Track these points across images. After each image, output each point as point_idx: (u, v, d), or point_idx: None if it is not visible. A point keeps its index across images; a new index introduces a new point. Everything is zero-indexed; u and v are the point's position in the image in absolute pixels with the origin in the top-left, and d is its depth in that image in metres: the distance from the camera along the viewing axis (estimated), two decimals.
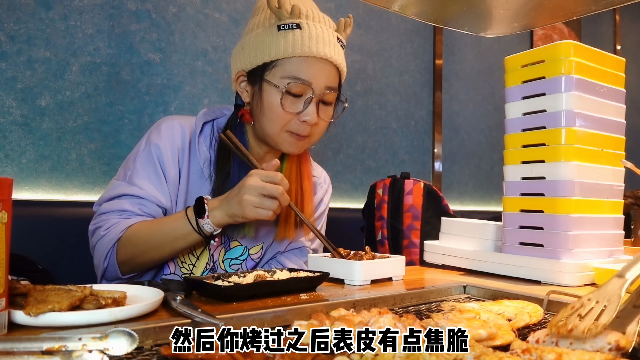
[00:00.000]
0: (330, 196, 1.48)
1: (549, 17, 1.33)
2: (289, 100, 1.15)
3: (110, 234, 1.10)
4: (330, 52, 1.16)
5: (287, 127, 1.17)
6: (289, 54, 1.13)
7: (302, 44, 1.13)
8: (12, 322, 0.62)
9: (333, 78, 1.19)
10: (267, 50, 1.15)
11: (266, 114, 1.17)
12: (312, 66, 1.15)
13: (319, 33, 1.15)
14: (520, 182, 1.16)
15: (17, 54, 1.65)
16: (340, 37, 1.21)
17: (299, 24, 1.14)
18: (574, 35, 3.74)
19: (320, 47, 1.14)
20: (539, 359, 0.52)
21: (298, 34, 1.13)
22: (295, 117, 1.16)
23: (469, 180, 3.17)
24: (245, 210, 1.01)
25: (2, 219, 0.58)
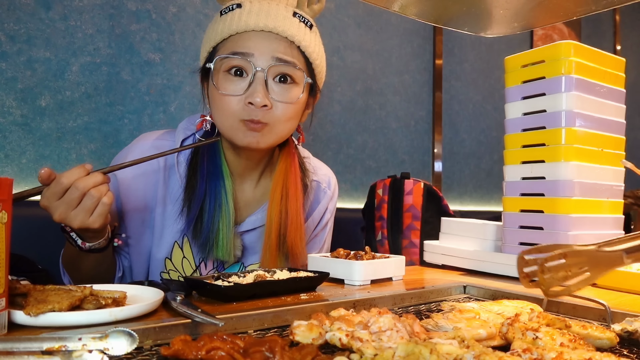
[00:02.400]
0: (336, 202, 1.35)
1: (549, 17, 1.33)
2: (227, 80, 1.03)
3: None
4: (275, 24, 1.02)
5: (237, 115, 1.03)
6: (225, 34, 1.04)
7: (239, 20, 1.03)
8: (12, 322, 0.62)
9: (285, 50, 1.04)
10: (208, 38, 1.08)
11: (212, 105, 1.07)
12: (250, 39, 1.02)
13: (263, 8, 1.04)
14: (520, 182, 1.16)
15: (17, 54, 1.65)
16: (301, 13, 1.08)
17: (240, 3, 1.05)
18: (574, 35, 3.74)
19: (262, 19, 1.02)
20: (539, 358, 0.52)
21: (237, 13, 1.04)
22: (242, 101, 1.02)
23: (469, 180, 3.17)
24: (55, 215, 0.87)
25: (2, 219, 0.58)
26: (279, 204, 1.14)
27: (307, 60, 1.10)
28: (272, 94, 1.04)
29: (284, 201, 1.14)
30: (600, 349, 0.60)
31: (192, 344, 0.52)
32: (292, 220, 1.14)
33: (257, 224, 1.18)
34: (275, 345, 0.51)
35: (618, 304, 0.84)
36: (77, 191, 0.87)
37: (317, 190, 1.28)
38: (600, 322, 0.77)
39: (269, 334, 0.69)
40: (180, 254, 1.14)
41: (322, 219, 1.31)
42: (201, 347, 0.52)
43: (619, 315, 0.76)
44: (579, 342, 0.58)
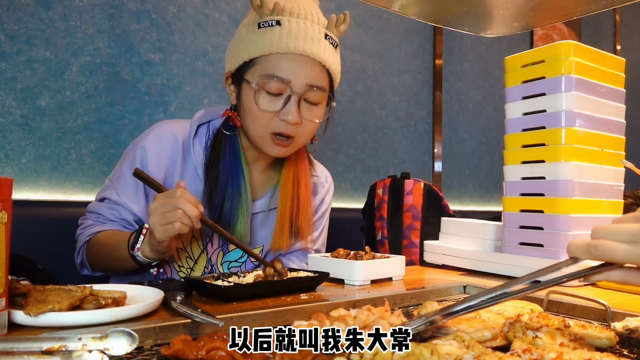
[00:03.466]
0: (332, 195, 1.47)
1: (549, 17, 1.33)
2: (266, 99, 1.11)
3: (83, 235, 1.16)
4: (311, 49, 1.10)
5: (269, 128, 1.13)
6: (266, 52, 1.09)
7: (280, 41, 1.08)
8: (12, 322, 0.62)
9: (317, 76, 1.13)
10: (246, 49, 1.12)
11: (247, 114, 1.15)
12: (290, 63, 1.10)
13: (301, 29, 1.10)
14: (520, 182, 1.16)
15: (17, 54, 1.65)
16: (330, 35, 1.16)
17: (279, 20, 1.10)
18: (574, 35, 3.74)
19: (300, 43, 1.09)
20: (539, 358, 0.52)
21: (277, 31, 1.09)
22: (276, 116, 1.12)
23: (469, 180, 3.17)
24: (155, 233, 0.97)
25: (2, 219, 0.58)
26: (291, 190, 1.26)
27: (331, 79, 1.20)
28: (302, 113, 1.14)
29: (295, 188, 1.27)
30: (599, 349, 0.60)
31: (192, 343, 0.52)
32: (303, 205, 1.27)
33: (261, 208, 1.27)
34: None
35: (618, 304, 0.84)
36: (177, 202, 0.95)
37: (316, 183, 1.40)
38: (601, 322, 0.77)
39: None
40: (189, 233, 1.18)
41: (320, 208, 1.41)
42: (201, 347, 0.52)
43: (619, 315, 0.77)
44: (578, 342, 0.58)
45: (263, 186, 1.30)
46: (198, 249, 1.21)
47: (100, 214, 1.18)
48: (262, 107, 1.11)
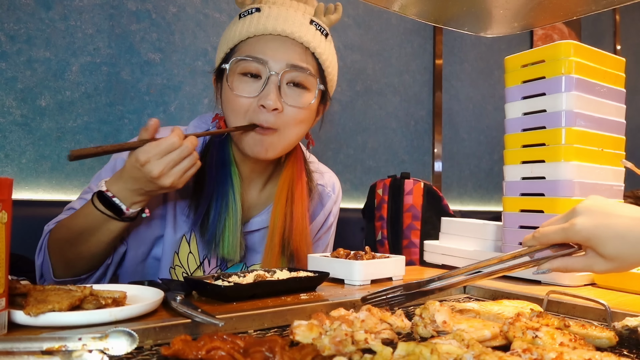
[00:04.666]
0: (339, 205, 1.36)
1: (549, 17, 1.33)
2: (241, 82, 1.04)
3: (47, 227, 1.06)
4: (292, 29, 1.04)
5: (249, 118, 1.03)
6: (243, 36, 1.05)
7: (257, 23, 1.04)
8: (12, 322, 0.62)
9: (299, 57, 1.05)
10: (226, 40, 1.09)
11: (224, 106, 1.07)
12: (267, 43, 1.04)
13: (281, 13, 1.05)
14: (520, 182, 1.16)
15: (17, 54, 1.65)
16: (318, 21, 1.10)
17: (259, 7, 1.06)
18: (574, 35, 3.74)
19: (280, 24, 1.03)
20: (539, 358, 0.52)
21: (255, 16, 1.05)
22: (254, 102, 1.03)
23: (469, 180, 3.17)
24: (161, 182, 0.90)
25: (2, 219, 0.58)
26: (284, 207, 1.15)
27: (320, 67, 1.12)
28: (285, 98, 1.05)
29: (289, 204, 1.15)
30: (599, 349, 0.60)
31: (192, 343, 0.52)
32: (297, 223, 1.15)
33: (261, 225, 1.19)
34: (275, 345, 0.51)
35: (618, 304, 0.84)
36: (184, 152, 0.90)
37: (322, 193, 1.29)
38: (600, 322, 0.77)
39: (269, 334, 0.69)
40: (186, 249, 1.14)
41: (326, 222, 1.32)
42: (201, 347, 0.52)
43: (619, 315, 0.76)
44: (579, 342, 0.58)
45: (264, 202, 1.22)
46: (195, 265, 1.15)
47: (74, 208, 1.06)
48: (236, 91, 1.03)
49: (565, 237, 0.72)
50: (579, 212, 0.71)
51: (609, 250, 0.68)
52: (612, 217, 0.68)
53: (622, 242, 0.67)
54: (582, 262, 0.72)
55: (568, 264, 0.74)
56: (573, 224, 0.70)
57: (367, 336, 0.56)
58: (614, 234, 0.67)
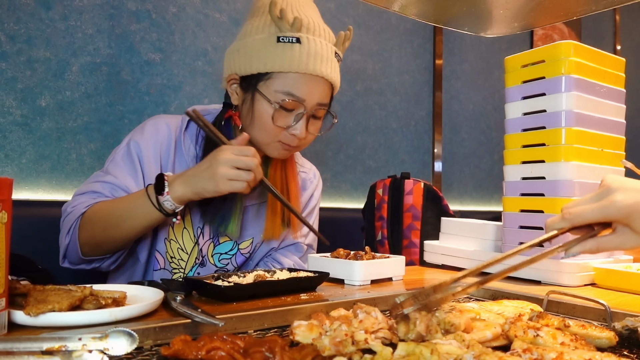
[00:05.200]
0: (320, 191, 1.48)
1: (549, 17, 1.33)
2: (281, 115, 1.14)
3: (75, 210, 1.11)
4: (327, 70, 1.15)
5: (276, 139, 1.17)
6: (285, 69, 1.12)
7: (300, 61, 1.11)
8: (12, 322, 0.62)
9: (326, 95, 1.18)
10: (263, 60, 1.13)
11: (256, 124, 1.17)
12: (307, 83, 1.13)
13: (318, 49, 1.13)
14: (520, 182, 1.16)
15: (17, 54, 1.65)
16: (338, 52, 1.20)
17: (299, 38, 1.12)
18: (574, 35, 3.74)
19: (318, 64, 1.13)
20: (539, 358, 0.52)
21: (297, 49, 1.11)
22: (285, 130, 1.16)
23: (469, 180, 3.17)
24: (218, 183, 0.99)
25: (2, 219, 0.58)
26: (280, 182, 1.29)
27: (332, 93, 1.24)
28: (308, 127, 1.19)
29: (284, 180, 1.30)
30: (599, 349, 0.60)
31: (192, 344, 0.52)
32: (292, 195, 1.30)
33: (252, 201, 1.28)
34: (275, 345, 0.51)
35: (618, 304, 0.84)
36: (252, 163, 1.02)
37: (305, 179, 1.43)
38: (600, 322, 0.77)
39: (269, 334, 0.69)
40: (181, 225, 1.21)
41: (309, 204, 1.44)
42: (201, 347, 0.52)
43: (619, 315, 0.77)
44: (579, 342, 0.58)
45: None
46: (190, 241, 1.22)
47: (96, 192, 1.14)
48: (277, 123, 1.14)
49: (604, 216, 0.70)
50: (615, 190, 0.69)
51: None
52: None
53: None
54: (614, 240, 0.71)
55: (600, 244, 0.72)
56: (613, 201, 0.68)
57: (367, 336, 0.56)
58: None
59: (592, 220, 0.71)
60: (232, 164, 1.00)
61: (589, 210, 0.71)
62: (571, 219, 0.72)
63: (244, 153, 1.02)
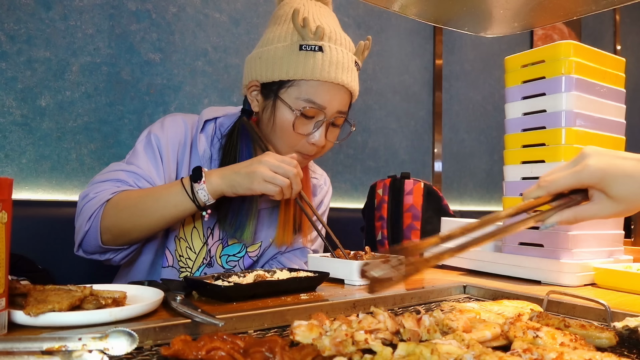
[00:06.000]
0: (330, 198, 1.48)
1: (549, 17, 1.33)
2: (302, 122, 1.15)
3: (100, 196, 1.08)
4: (347, 79, 1.16)
5: (295, 147, 1.18)
6: (307, 77, 1.12)
7: (322, 69, 1.12)
8: (12, 322, 0.62)
9: (345, 103, 1.19)
10: (285, 68, 1.14)
11: (277, 131, 1.17)
12: (328, 91, 1.14)
13: (340, 58, 1.14)
14: (520, 182, 1.16)
15: (17, 54, 1.65)
16: (358, 61, 1.21)
17: (322, 46, 1.13)
18: (574, 35, 3.74)
19: (339, 73, 1.14)
20: (539, 358, 0.52)
21: (319, 57, 1.12)
22: (305, 138, 1.17)
23: (469, 180, 3.17)
24: (253, 181, 1.02)
25: (2, 219, 0.58)
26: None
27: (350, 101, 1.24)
28: (327, 135, 1.20)
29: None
30: (600, 349, 0.60)
31: (192, 344, 0.52)
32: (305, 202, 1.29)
33: (265, 205, 1.28)
34: (275, 345, 0.51)
35: (618, 304, 0.84)
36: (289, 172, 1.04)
37: (315, 186, 1.43)
38: (600, 322, 0.77)
39: (269, 334, 0.69)
40: (191, 224, 1.22)
41: (318, 210, 1.43)
42: (201, 347, 0.52)
43: (619, 315, 0.77)
44: (579, 342, 0.58)
45: None
46: (199, 241, 1.22)
47: (120, 180, 1.12)
48: (298, 130, 1.15)
49: (577, 181, 0.70)
50: (588, 155, 0.70)
51: (618, 190, 0.68)
52: (620, 158, 0.69)
53: (632, 182, 0.68)
54: (591, 208, 0.71)
55: (577, 213, 0.72)
56: (587, 165, 0.69)
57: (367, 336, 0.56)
58: (623, 173, 0.68)
59: (566, 186, 0.71)
60: (271, 167, 1.03)
61: (562, 176, 0.71)
62: (546, 187, 0.72)
63: (286, 162, 1.05)
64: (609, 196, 0.69)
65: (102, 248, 1.09)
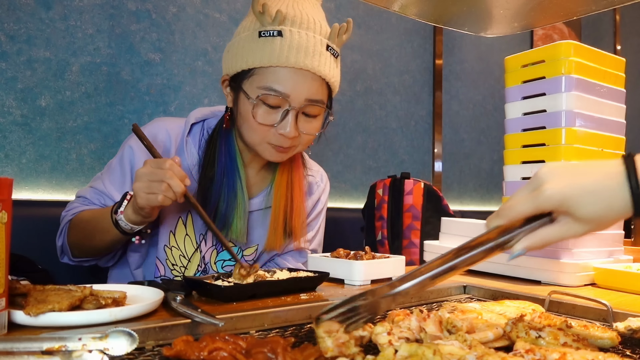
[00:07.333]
0: (327, 195, 1.45)
1: (549, 17, 1.33)
2: (264, 112, 1.09)
3: (67, 215, 1.17)
4: (312, 63, 1.07)
5: (266, 139, 1.12)
6: (265, 63, 1.07)
7: (280, 54, 1.06)
8: (12, 322, 0.62)
9: (316, 90, 1.10)
10: (245, 57, 1.09)
11: (243, 123, 1.13)
12: (290, 78, 1.07)
13: (302, 41, 1.07)
14: (520, 182, 1.16)
15: (17, 54, 1.65)
16: (332, 45, 1.13)
17: (281, 30, 1.06)
18: (574, 35, 3.74)
19: (301, 56, 1.06)
20: (542, 358, 0.52)
21: (277, 42, 1.06)
22: (273, 129, 1.10)
23: (469, 180, 3.17)
24: (137, 199, 0.98)
25: (2, 219, 0.58)
26: (284, 190, 1.26)
27: (330, 91, 1.17)
28: (300, 126, 1.12)
29: (289, 188, 1.27)
30: (602, 349, 0.60)
31: (194, 344, 0.52)
32: (296, 205, 1.27)
33: (258, 206, 1.26)
34: (277, 346, 0.51)
35: (620, 304, 0.84)
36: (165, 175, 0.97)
37: (311, 183, 1.40)
38: (602, 322, 0.77)
39: (271, 335, 0.69)
40: (183, 231, 1.20)
41: (315, 208, 1.40)
42: (203, 347, 0.52)
43: (621, 315, 0.76)
44: (582, 342, 0.58)
45: (259, 185, 1.29)
46: (192, 247, 1.20)
47: (87, 198, 1.19)
48: (260, 120, 1.09)
49: (535, 207, 0.63)
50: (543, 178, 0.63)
51: (583, 211, 0.61)
52: (580, 175, 0.62)
53: (596, 200, 0.60)
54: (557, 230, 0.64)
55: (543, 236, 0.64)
56: (542, 191, 0.62)
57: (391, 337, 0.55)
58: (585, 192, 0.61)
59: (526, 213, 0.65)
60: (147, 177, 0.97)
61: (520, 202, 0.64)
62: (505, 214, 0.66)
63: (159, 165, 0.97)
64: (574, 218, 0.62)
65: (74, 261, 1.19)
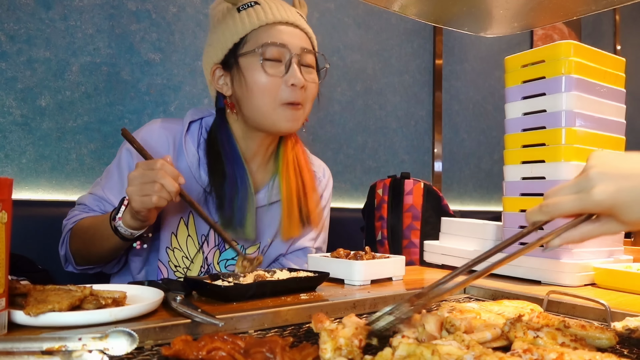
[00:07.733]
0: (331, 190, 1.45)
1: (549, 17, 1.33)
2: (270, 66, 1.14)
3: (68, 224, 1.18)
4: (294, 18, 1.18)
5: (278, 99, 1.15)
6: (255, 26, 1.15)
7: (266, 14, 1.15)
8: (12, 322, 0.62)
9: (306, 41, 1.20)
10: (233, 31, 1.17)
11: (253, 89, 1.15)
12: (281, 31, 1.16)
13: (278, 5, 1.18)
14: (520, 182, 1.16)
15: (17, 54, 1.65)
16: (301, 14, 1.23)
17: (257, 1, 1.17)
18: (574, 35, 3.74)
19: (283, 13, 1.17)
20: (540, 358, 0.52)
21: (259, 8, 1.16)
22: (282, 83, 1.14)
23: (469, 180, 3.17)
24: (132, 202, 0.97)
25: (2, 219, 0.58)
26: (294, 177, 1.27)
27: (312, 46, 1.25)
28: (304, 75, 1.17)
29: (298, 174, 1.29)
30: (600, 349, 0.60)
31: (193, 344, 0.52)
32: (309, 189, 1.29)
33: (262, 202, 1.27)
34: (275, 345, 0.51)
35: (618, 304, 0.84)
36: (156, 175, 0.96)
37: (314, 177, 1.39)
38: (601, 322, 0.77)
39: (270, 334, 0.69)
40: (185, 232, 1.20)
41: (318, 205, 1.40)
42: (202, 347, 0.52)
43: (619, 315, 0.77)
44: (579, 342, 0.58)
45: (261, 180, 1.30)
46: (194, 248, 1.20)
47: (86, 205, 1.20)
48: (270, 72, 1.14)
49: (583, 208, 0.63)
50: (595, 180, 0.62)
51: (631, 216, 0.60)
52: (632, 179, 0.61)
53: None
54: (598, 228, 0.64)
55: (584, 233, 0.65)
56: (591, 194, 0.61)
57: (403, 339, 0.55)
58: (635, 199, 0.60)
59: (571, 213, 0.65)
60: (139, 180, 0.97)
61: (567, 200, 0.64)
62: (549, 211, 0.66)
63: (149, 166, 0.97)
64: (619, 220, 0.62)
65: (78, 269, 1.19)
